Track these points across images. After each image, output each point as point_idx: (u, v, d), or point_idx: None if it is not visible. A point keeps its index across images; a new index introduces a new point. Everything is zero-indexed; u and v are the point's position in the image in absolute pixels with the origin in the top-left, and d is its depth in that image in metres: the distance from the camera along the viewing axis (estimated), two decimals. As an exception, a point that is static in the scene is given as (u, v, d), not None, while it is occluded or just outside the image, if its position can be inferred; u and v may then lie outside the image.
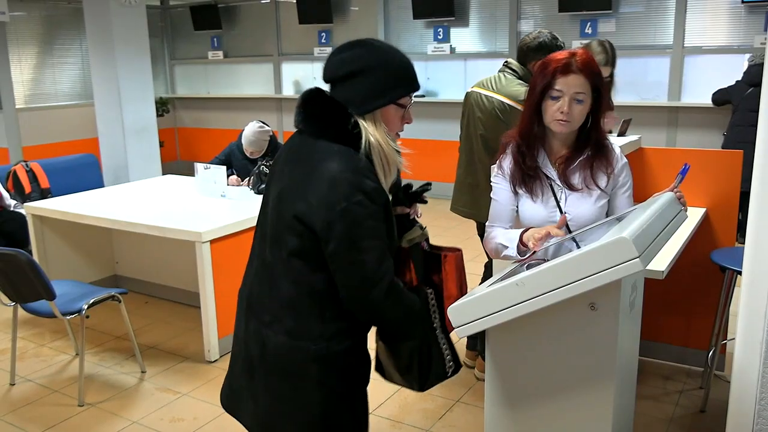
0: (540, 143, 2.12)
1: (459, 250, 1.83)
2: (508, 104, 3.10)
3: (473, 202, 3.29)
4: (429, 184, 1.88)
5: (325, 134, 1.65)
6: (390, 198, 1.69)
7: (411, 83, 1.70)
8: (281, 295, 1.68)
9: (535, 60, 3.13)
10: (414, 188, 1.87)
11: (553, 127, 2.04)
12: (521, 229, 2.02)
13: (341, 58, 1.66)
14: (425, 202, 1.87)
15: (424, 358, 1.78)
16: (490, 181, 2.25)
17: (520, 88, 3.09)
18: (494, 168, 2.22)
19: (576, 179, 2.09)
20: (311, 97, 1.70)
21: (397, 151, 1.70)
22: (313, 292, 1.66)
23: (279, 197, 1.69)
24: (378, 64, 1.65)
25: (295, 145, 1.74)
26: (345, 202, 1.56)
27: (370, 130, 1.64)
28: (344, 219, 1.56)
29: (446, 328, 1.81)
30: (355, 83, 1.64)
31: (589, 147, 2.08)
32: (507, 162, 2.16)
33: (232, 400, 1.89)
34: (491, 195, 2.21)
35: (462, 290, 1.82)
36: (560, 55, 2.03)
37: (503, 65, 3.29)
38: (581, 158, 2.09)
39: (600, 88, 2.03)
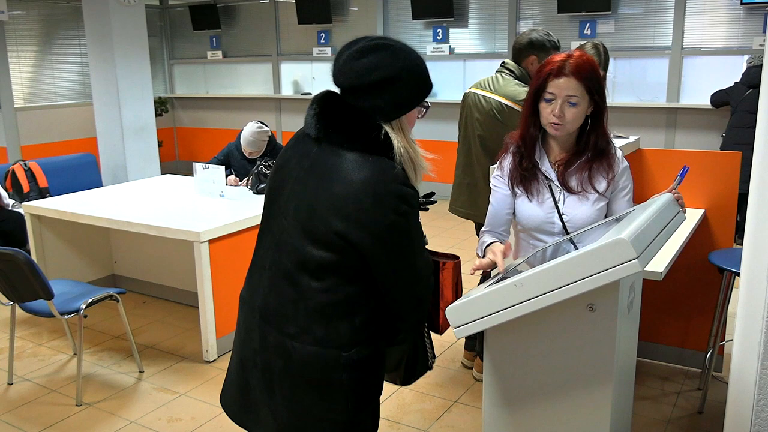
0: (540, 144, 2.12)
1: (457, 257, 1.84)
2: (506, 104, 3.10)
3: (471, 203, 3.29)
4: (433, 194, 1.87)
5: (353, 146, 1.58)
6: None
7: (430, 84, 1.68)
8: (309, 305, 1.64)
9: (528, 57, 3.14)
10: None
11: (548, 129, 2.06)
12: (492, 241, 2.09)
13: (365, 64, 1.57)
14: (427, 209, 1.87)
15: (412, 356, 1.86)
16: (489, 182, 2.26)
17: (518, 89, 3.09)
18: (494, 168, 2.23)
19: (574, 182, 2.09)
20: (329, 103, 1.63)
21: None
22: (345, 301, 1.64)
23: (309, 211, 1.61)
24: (405, 71, 1.59)
25: (313, 154, 1.64)
26: (393, 215, 1.56)
27: (399, 138, 1.61)
28: (395, 232, 1.58)
29: (436, 326, 1.86)
30: (384, 92, 1.58)
31: (588, 150, 2.08)
32: (507, 161, 2.17)
33: (244, 413, 1.84)
34: (489, 198, 2.22)
35: (457, 297, 1.84)
36: (557, 57, 2.03)
37: (500, 66, 3.29)
38: (580, 161, 2.09)
39: (598, 92, 2.02)
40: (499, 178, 2.19)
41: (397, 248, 1.61)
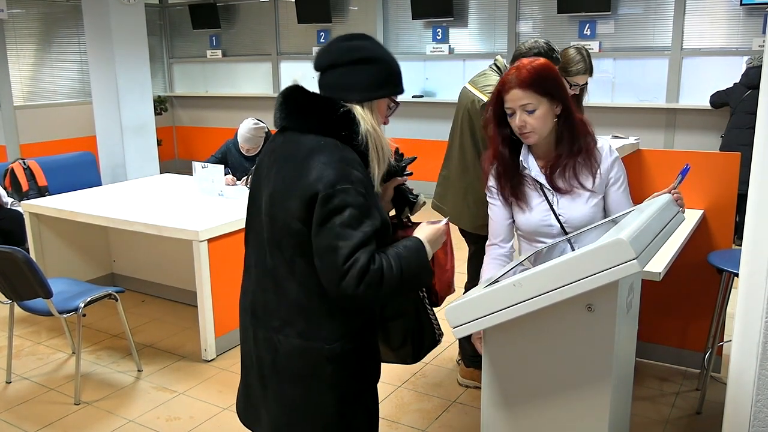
0: (528, 151, 2.15)
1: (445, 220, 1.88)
2: (478, 99, 3.02)
3: (443, 195, 3.26)
4: (409, 158, 1.93)
5: (310, 128, 1.65)
6: (378, 185, 1.71)
7: (401, 82, 1.75)
8: (289, 298, 1.67)
9: None
10: (402, 161, 1.91)
11: (522, 139, 2.10)
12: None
13: (347, 45, 1.68)
14: (411, 173, 1.92)
15: (417, 330, 1.85)
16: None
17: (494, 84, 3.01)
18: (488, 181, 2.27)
19: (561, 182, 2.11)
20: (291, 93, 1.71)
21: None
22: (319, 292, 1.64)
23: (271, 200, 1.67)
24: (384, 56, 1.71)
25: (278, 145, 1.72)
26: (330, 189, 1.55)
27: (367, 119, 1.65)
28: (326, 204, 1.56)
29: (434, 299, 1.86)
30: (363, 69, 1.66)
31: (567, 148, 2.11)
32: (494, 174, 2.22)
33: (248, 413, 1.88)
34: (488, 210, 2.25)
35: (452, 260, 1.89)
36: (508, 72, 2.07)
37: (492, 61, 3.24)
38: (564, 161, 2.11)
39: (553, 92, 2.04)
40: (492, 189, 2.23)
41: (326, 223, 1.55)
